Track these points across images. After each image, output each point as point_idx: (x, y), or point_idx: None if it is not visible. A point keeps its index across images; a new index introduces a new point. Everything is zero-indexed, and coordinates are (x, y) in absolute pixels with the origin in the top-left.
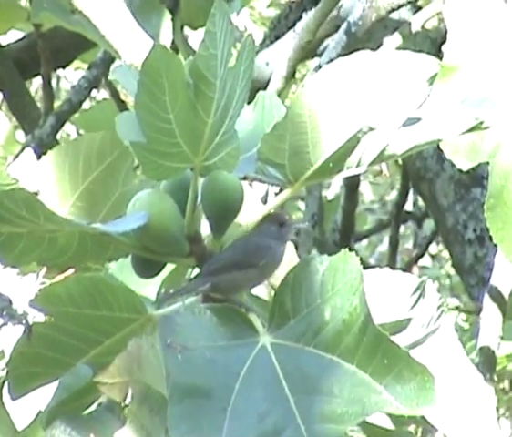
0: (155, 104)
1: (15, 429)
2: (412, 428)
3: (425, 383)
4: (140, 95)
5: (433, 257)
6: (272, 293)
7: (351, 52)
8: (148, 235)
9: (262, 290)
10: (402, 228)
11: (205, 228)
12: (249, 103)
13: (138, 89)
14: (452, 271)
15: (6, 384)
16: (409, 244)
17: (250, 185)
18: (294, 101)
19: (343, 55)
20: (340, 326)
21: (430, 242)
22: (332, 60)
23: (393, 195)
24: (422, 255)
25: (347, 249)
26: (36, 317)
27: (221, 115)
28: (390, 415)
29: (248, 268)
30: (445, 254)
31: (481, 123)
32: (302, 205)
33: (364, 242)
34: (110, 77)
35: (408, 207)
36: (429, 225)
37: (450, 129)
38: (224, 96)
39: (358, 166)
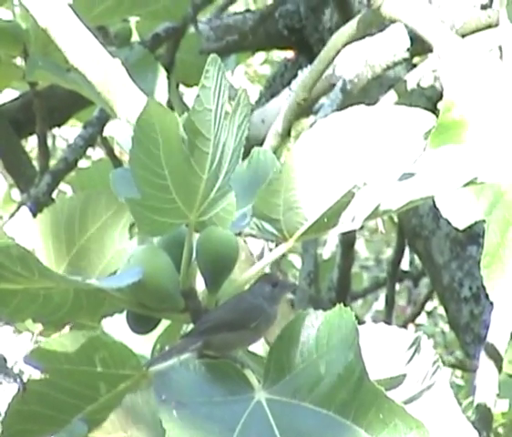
0: (149, 159)
1: None
2: None
3: None
4: (134, 150)
5: (428, 314)
6: (267, 349)
7: None
8: (143, 291)
9: (258, 346)
10: (396, 286)
11: (200, 284)
12: (244, 159)
13: (133, 145)
14: (446, 328)
15: None
16: (403, 301)
17: (245, 241)
18: (289, 156)
19: None
20: (335, 381)
21: (426, 300)
22: None
23: (388, 252)
24: (419, 313)
25: (342, 305)
26: (32, 375)
27: (216, 170)
28: None
29: (239, 329)
30: (440, 311)
31: (476, 179)
32: (296, 261)
33: (360, 300)
34: (105, 134)
35: (404, 265)
36: (423, 282)
37: (445, 185)
38: (219, 151)
39: (353, 221)
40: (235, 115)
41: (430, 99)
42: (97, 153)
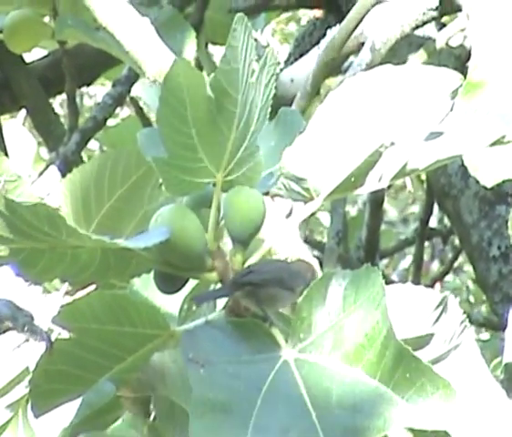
0: (176, 119)
1: None
2: None
3: (448, 397)
4: (162, 110)
5: (454, 270)
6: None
7: None
8: (170, 250)
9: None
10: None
11: (227, 243)
12: (271, 118)
13: (160, 104)
14: (470, 284)
15: (30, 401)
16: (427, 258)
17: (273, 200)
18: (316, 115)
19: None
20: (362, 340)
21: (455, 259)
22: None
23: (413, 209)
24: (447, 272)
25: (369, 264)
26: (61, 334)
27: (243, 130)
28: (412, 430)
29: (288, 289)
30: (466, 267)
31: (503, 137)
32: (324, 219)
33: (386, 259)
34: (133, 94)
35: (432, 223)
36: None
37: (472, 144)
38: (246, 110)
39: (380, 180)
40: (262, 74)
41: (459, 58)
42: (125, 111)
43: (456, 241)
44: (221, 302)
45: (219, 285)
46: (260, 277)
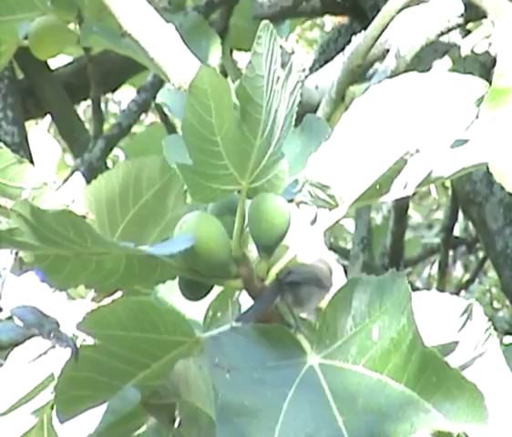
0: (202, 126)
1: None
2: None
3: (475, 401)
4: (187, 117)
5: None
6: (319, 313)
7: None
8: (195, 257)
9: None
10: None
11: (252, 251)
12: (297, 126)
13: (185, 111)
14: (494, 289)
15: (55, 408)
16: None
17: (298, 207)
18: (341, 123)
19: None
20: (388, 345)
21: (481, 267)
22: None
23: (437, 215)
24: (473, 280)
25: (394, 269)
26: (86, 341)
27: (268, 137)
28: (439, 433)
29: (323, 287)
30: (490, 273)
31: None
32: (349, 225)
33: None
34: (157, 101)
35: (455, 231)
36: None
37: (497, 151)
38: (271, 117)
39: (405, 188)
40: (287, 81)
41: (484, 65)
42: (149, 118)
43: (481, 250)
44: (246, 307)
45: (243, 292)
46: (300, 276)
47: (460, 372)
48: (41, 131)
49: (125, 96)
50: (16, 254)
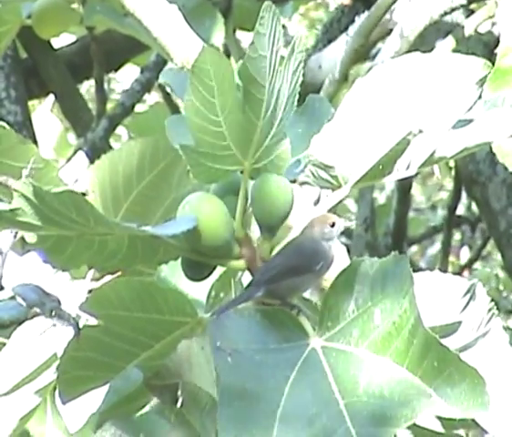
0: (204, 106)
1: (68, 431)
2: (462, 432)
3: (476, 386)
4: (190, 97)
5: (482, 258)
6: (322, 295)
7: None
8: (198, 238)
9: (311, 292)
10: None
11: (255, 231)
12: (299, 106)
13: (188, 92)
14: (500, 272)
15: (58, 388)
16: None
17: (301, 187)
18: (344, 103)
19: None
20: (390, 329)
21: (484, 246)
22: None
23: (441, 195)
24: (476, 259)
25: (397, 252)
26: (89, 321)
27: (271, 117)
28: (440, 418)
29: (305, 272)
30: (494, 255)
31: None
32: (351, 205)
33: (414, 246)
34: (160, 80)
35: (459, 210)
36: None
37: (501, 131)
38: (273, 98)
39: (408, 168)
40: (290, 61)
41: (487, 45)
42: (152, 97)
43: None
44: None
45: (246, 272)
46: (269, 273)
47: (461, 357)
48: (44, 110)
49: (128, 75)
50: (16, 233)
